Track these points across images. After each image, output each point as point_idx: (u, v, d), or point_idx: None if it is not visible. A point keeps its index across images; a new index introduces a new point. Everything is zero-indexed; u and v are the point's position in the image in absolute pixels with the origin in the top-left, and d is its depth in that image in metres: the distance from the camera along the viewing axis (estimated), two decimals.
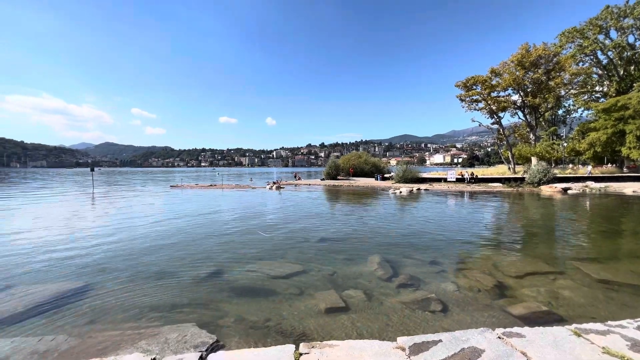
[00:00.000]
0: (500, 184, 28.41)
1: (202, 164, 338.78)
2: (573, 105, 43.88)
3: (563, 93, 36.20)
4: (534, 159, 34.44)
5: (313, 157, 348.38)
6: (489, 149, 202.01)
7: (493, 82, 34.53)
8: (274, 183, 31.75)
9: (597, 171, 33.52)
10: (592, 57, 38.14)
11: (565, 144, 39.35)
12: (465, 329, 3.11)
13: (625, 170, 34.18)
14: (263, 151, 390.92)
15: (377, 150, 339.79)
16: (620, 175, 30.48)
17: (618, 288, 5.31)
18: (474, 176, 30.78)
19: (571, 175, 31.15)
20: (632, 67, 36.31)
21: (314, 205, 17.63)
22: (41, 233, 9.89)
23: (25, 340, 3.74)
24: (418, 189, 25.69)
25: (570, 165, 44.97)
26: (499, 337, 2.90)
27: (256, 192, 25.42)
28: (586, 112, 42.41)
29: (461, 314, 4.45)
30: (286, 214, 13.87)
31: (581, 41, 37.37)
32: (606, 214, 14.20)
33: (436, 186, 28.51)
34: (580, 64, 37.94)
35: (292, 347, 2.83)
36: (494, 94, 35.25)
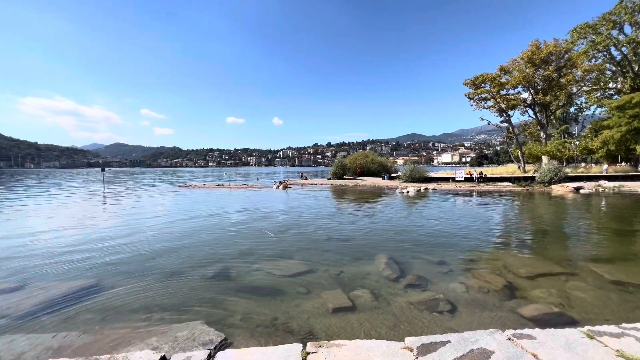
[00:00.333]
0: (509, 183, 27.98)
1: (210, 164, 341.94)
2: (585, 102, 42.96)
3: (575, 90, 35.42)
4: (545, 158, 33.81)
5: (320, 157, 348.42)
6: (498, 148, 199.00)
7: (502, 80, 34.02)
8: (281, 183, 31.87)
9: (611, 170, 32.77)
10: (606, 53, 37.22)
11: (577, 142, 38.48)
12: (474, 330, 3.08)
13: None
14: (270, 151, 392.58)
15: (384, 149, 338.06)
16: (635, 174, 29.71)
17: (633, 289, 5.18)
18: (483, 175, 30.38)
19: (583, 174, 30.49)
20: None
21: (321, 205, 17.64)
22: (55, 232, 10.12)
23: (40, 336, 3.83)
24: (426, 189, 25.47)
25: (582, 164, 44.02)
26: (509, 339, 2.86)
27: (263, 192, 25.56)
28: (599, 110, 41.52)
29: (470, 315, 4.40)
30: (293, 214, 13.91)
31: (594, 37, 36.50)
32: (620, 214, 13.85)
33: (444, 185, 28.22)
34: (592, 61, 37.09)
35: (300, 346, 2.84)
36: (503, 92, 34.73)
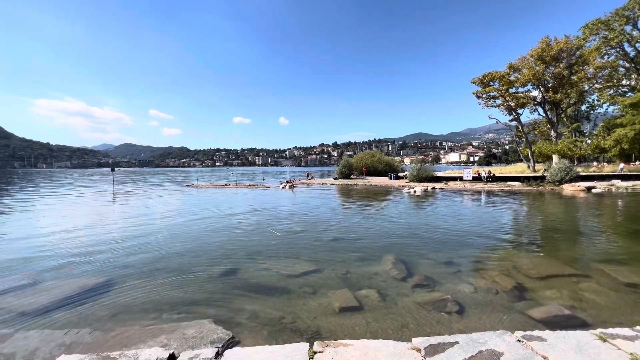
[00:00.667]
0: (519, 183, 27.55)
1: (217, 164, 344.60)
2: (597, 100, 42.04)
3: (587, 88, 34.74)
4: (555, 157, 33.17)
5: (326, 157, 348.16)
6: (507, 147, 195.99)
7: (511, 78, 33.47)
8: (287, 182, 31.97)
9: (626, 169, 31.93)
10: (619, 50, 36.36)
11: (589, 141, 37.69)
12: (482, 331, 3.04)
13: None
14: (276, 151, 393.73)
15: (391, 148, 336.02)
16: None
17: None
18: (492, 175, 29.98)
19: (595, 173, 29.83)
20: None
21: (327, 204, 17.64)
22: (67, 231, 10.34)
23: (52, 332, 3.92)
24: (433, 188, 25.26)
25: (594, 163, 43.06)
26: (519, 340, 2.82)
27: (270, 192, 25.67)
28: (612, 108, 40.55)
29: (478, 316, 4.35)
30: (299, 214, 13.94)
31: (606, 33, 35.70)
32: (634, 214, 13.51)
33: (452, 185, 27.95)
34: (605, 57, 36.27)
35: (307, 345, 2.85)
36: (512, 90, 34.17)
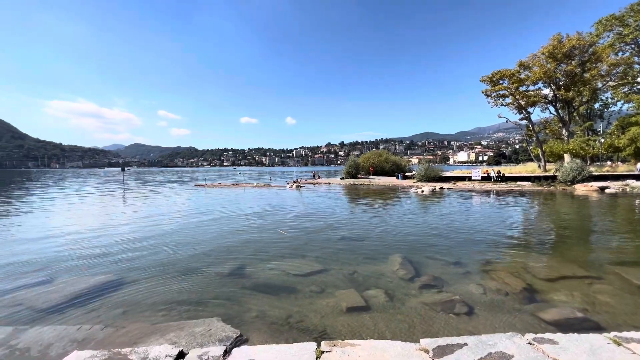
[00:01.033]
0: (529, 183, 27.07)
1: (225, 164, 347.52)
2: (611, 98, 40.97)
3: (600, 85, 33.84)
4: (567, 156, 32.49)
5: (333, 156, 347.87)
6: (517, 146, 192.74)
7: (521, 76, 32.88)
8: (294, 182, 32.04)
9: None
10: (634, 46, 35.34)
11: (602, 140, 36.80)
12: (492, 333, 3.00)
13: None
14: (283, 150, 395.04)
15: (398, 148, 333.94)
16: None
17: None
18: (501, 174, 29.52)
19: (609, 173, 29.10)
20: None
21: (334, 204, 17.63)
22: (79, 230, 10.56)
23: (65, 328, 4.01)
24: (441, 188, 25.01)
25: (608, 162, 42.03)
26: (529, 343, 2.78)
27: (277, 191, 25.77)
28: (626, 106, 39.45)
29: (488, 318, 4.29)
30: (306, 213, 13.96)
31: (621, 29, 34.74)
32: None
33: (460, 185, 27.61)
34: (619, 54, 35.29)
35: (314, 345, 2.85)
36: (523, 89, 33.56)
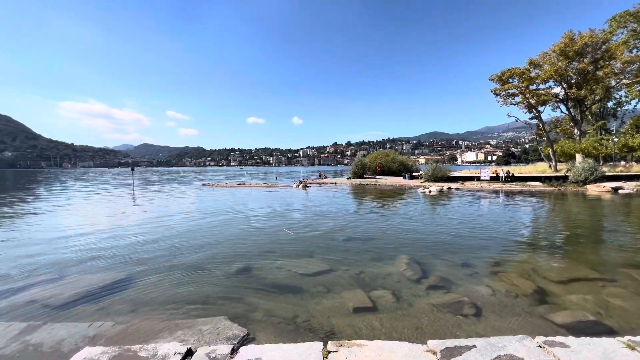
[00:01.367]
0: (539, 183, 26.59)
1: (232, 164, 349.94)
2: (625, 96, 39.93)
3: (613, 83, 32.98)
4: (579, 156, 31.80)
5: (339, 156, 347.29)
6: (527, 146, 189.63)
7: (532, 74, 32.28)
8: (301, 182, 32.10)
9: None
10: None
11: (615, 139, 35.85)
12: (501, 336, 2.96)
13: None
14: (290, 150, 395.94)
15: (405, 148, 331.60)
16: None
17: None
18: (510, 174, 29.07)
19: (623, 173, 28.39)
20: None
21: (341, 204, 17.60)
22: (91, 228, 10.77)
23: (77, 324, 4.10)
24: (449, 188, 24.75)
25: (622, 162, 40.99)
26: (540, 346, 2.73)
27: (283, 191, 25.85)
28: None
29: (496, 320, 4.23)
30: (313, 213, 13.98)
31: (635, 25, 33.79)
32: None
33: (468, 185, 27.28)
34: (634, 51, 34.37)
35: (321, 345, 2.85)
36: (533, 87, 32.95)
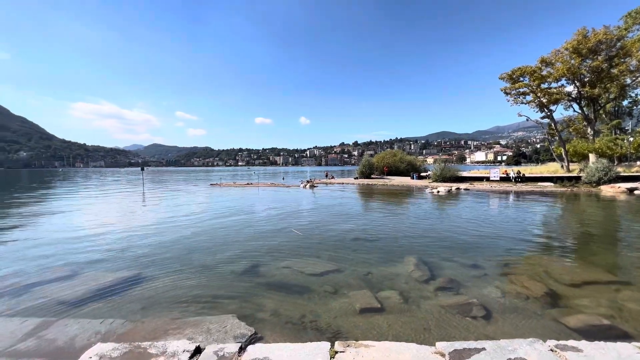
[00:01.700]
0: (551, 184, 26.06)
1: (239, 164, 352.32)
2: None
3: (629, 81, 32.09)
4: (592, 156, 31.05)
5: (346, 156, 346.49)
6: (538, 146, 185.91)
7: (543, 73, 31.63)
8: (308, 182, 32.15)
9: None
10: None
11: (631, 139, 34.89)
12: (511, 338, 2.91)
13: None
14: (297, 150, 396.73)
15: (413, 148, 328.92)
16: None
17: None
18: (521, 175, 28.55)
19: (638, 174, 27.61)
20: None
21: (348, 204, 17.56)
22: (102, 227, 11.00)
23: (89, 321, 4.18)
24: (457, 189, 24.45)
25: (637, 162, 39.86)
26: (551, 350, 2.68)
27: (290, 191, 25.93)
28: None
29: (506, 322, 4.17)
30: (320, 213, 13.98)
31: None
32: None
33: (477, 185, 26.92)
34: None
35: (328, 345, 2.85)
36: (545, 86, 32.30)
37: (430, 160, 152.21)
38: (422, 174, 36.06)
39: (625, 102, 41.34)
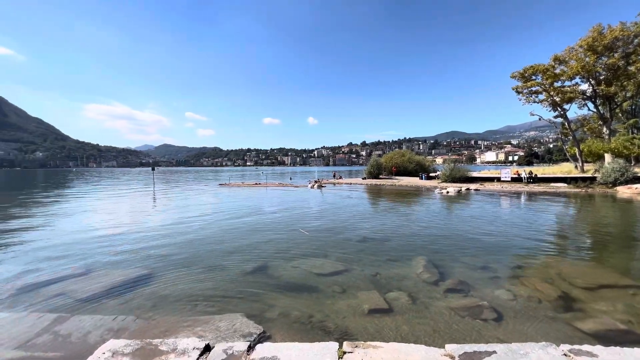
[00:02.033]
0: (564, 184, 25.44)
1: (248, 164, 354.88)
2: None
3: None
4: (608, 156, 30.18)
5: (354, 156, 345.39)
6: (551, 146, 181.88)
7: (557, 71, 30.94)
8: (316, 182, 32.17)
9: None
10: None
11: None
12: (523, 342, 2.86)
13: None
14: (305, 150, 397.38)
15: (422, 148, 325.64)
16: None
17: None
18: (533, 175, 27.97)
19: None
20: None
21: (356, 204, 17.50)
22: (114, 227, 11.26)
23: (102, 317, 4.28)
24: (467, 189, 24.11)
25: None
26: (565, 355, 2.61)
27: (298, 191, 26.00)
28: None
29: (518, 325, 4.09)
30: (328, 213, 13.98)
31: None
32: None
33: (488, 186, 26.48)
34: None
35: (336, 345, 2.85)
36: (558, 84, 31.57)
37: (439, 160, 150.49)
38: (431, 174, 35.68)
39: None
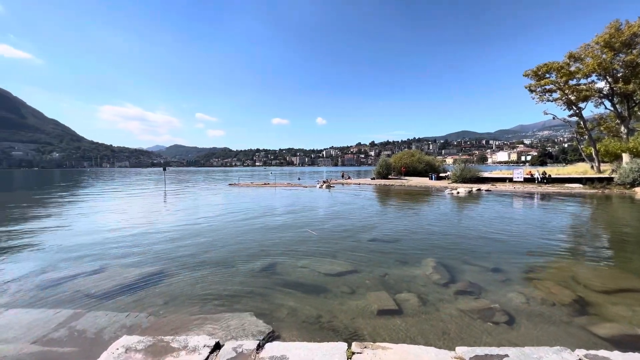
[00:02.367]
0: (580, 185, 24.77)
1: (257, 164, 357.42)
2: None
3: None
4: (626, 156, 29.22)
5: (363, 156, 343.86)
6: (565, 145, 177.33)
7: (571, 69, 30.15)
8: (324, 182, 32.18)
9: None
10: None
11: None
12: (536, 346, 2.80)
13: None
14: (313, 151, 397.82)
15: (432, 148, 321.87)
16: None
17: None
18: (547, 175, 27.32)
19: None
20: None
21: (365, 204, 17.43)
22: (127, 226, 11.50)
23: (116, 314, 4.39)
24: (478, 190, 23.72)
25: None
26: None
27: (307, 191, 26.05)
28: None
29: (531, 329, 4.00)
30: (337, 214, 13.96)
31: None
32: None
33: (500, 186, 25.99)
34: None
35: (345, 345, 2.85)
36: (573, 82, 30.76)
37: (449, 160, 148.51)
38: (441, 175, 35.24)
39: None
